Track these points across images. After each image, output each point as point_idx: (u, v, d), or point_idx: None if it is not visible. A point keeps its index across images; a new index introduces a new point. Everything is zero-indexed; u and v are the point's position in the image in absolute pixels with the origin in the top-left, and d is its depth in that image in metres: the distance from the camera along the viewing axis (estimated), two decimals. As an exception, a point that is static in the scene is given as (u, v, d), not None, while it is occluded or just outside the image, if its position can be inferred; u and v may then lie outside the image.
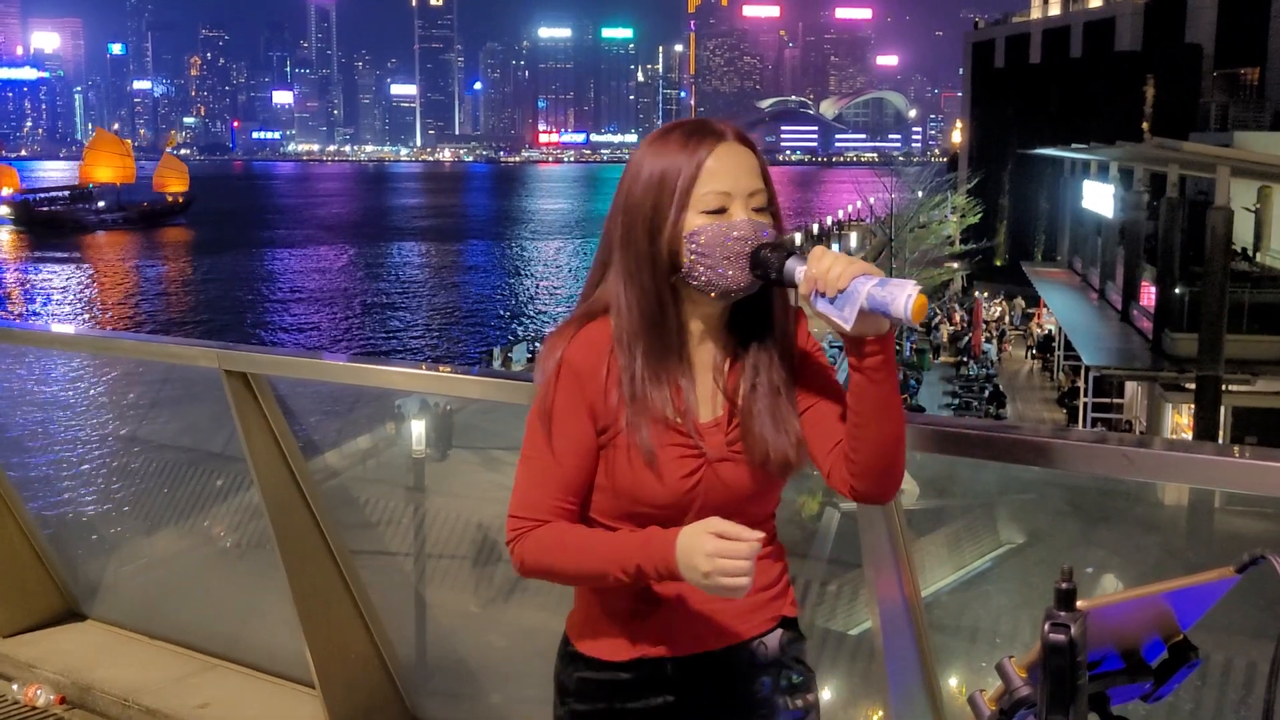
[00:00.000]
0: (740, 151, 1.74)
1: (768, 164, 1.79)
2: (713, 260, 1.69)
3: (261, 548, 4.20)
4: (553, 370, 1.75)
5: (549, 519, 1.73)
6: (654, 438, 1.72)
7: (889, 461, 1.73)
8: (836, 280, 1.59)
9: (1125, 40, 47.97)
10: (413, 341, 46.53)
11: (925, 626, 2.41)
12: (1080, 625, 1.14)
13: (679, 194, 1.70)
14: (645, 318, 1.73)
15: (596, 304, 1.79)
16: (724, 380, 1.79)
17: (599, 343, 1.75)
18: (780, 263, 1.67)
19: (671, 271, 1.73)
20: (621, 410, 1.73)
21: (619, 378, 1.74)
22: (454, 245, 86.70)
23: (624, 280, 1.75)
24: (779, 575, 1.88)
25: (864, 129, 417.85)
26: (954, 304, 44.41)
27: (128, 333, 4.12)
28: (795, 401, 1.80)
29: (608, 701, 1.80)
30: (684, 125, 1.76)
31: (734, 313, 1.80)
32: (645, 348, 1.73)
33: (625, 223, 1.75)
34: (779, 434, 1.75)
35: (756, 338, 1.80)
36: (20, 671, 4.22)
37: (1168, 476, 2.13)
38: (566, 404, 1.74)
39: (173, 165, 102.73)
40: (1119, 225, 29.91)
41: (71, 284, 61.65)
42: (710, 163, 1.71)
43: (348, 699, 3.54)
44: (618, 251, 1.76)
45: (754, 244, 1.69)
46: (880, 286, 1.57)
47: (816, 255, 1.62)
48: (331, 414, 4.09)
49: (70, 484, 5.09)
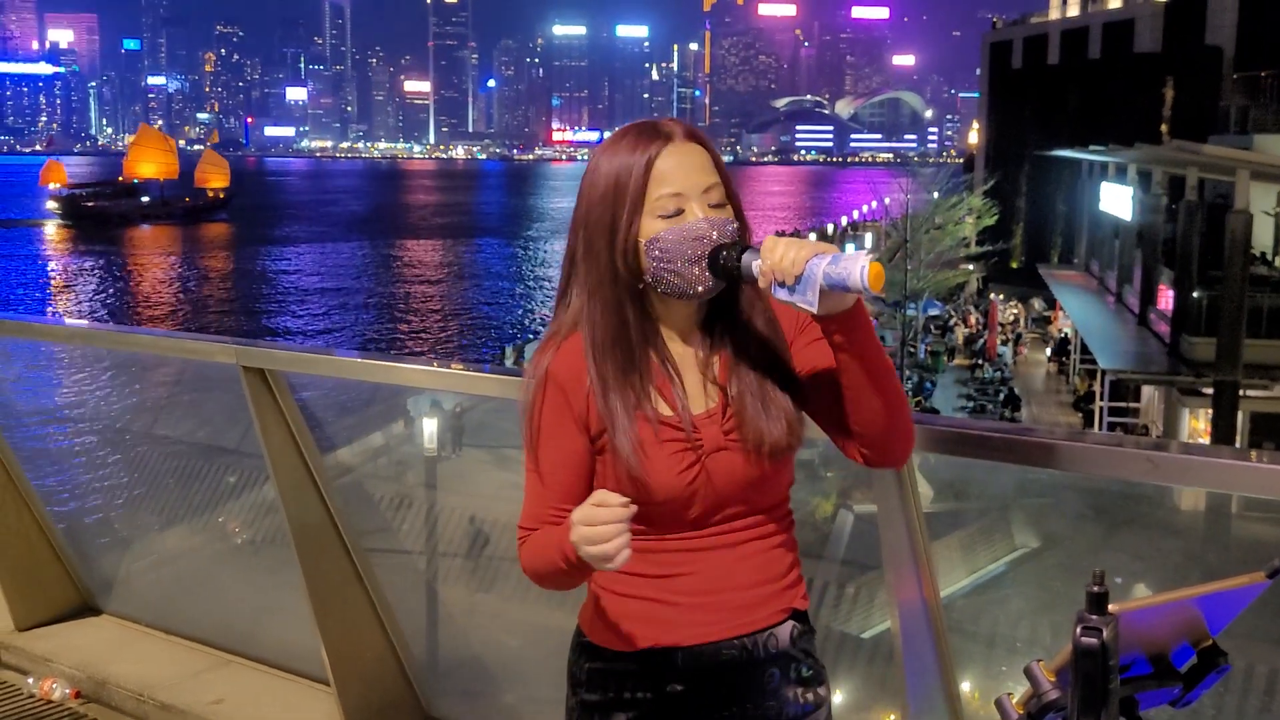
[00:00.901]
0: (689, 149, 1.74)
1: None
2: (675, 265, 1.71)
3: (275, 543, 4.21)
4: (537, 386, 1.79)
5: (543, 527, 1.79)
6: (644, 441, 1.74)
7: (891, 425, 1.75)
8: (792, 266, 1.60)
9: (1145, 41, 47.70)
10: (427, 338, 46.62)
11: (945, 629, 2.40)
12: (1112, 629, 1.13)
13: (631, 200, 1.71)
14: (611, 329, 1.75)
15: (568, 319, 1.80)
16: (713, 372, 1.80)
17: (581, 354, 1.78)
18: (736, 260, 1.68)
19: (635, 280, 1.74)
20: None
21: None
22: (466, 243, 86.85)
23: (589, 293, 1.77)
24: (790, 566, 1.88)
25: (879, 129, 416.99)
26: (969, 306, 44.26)
27: (146, 328, 4.11)
28: (790, 382, 1.81)
29: (617, 691, 1.81)
30: (633, 129, 1.78)
31: (710, 305, 1.81)
32: (614, 360, 1.75)
33: (586, 236, 1.77)
34: (770, 418, 1.77)
35: (737, 326, 1.81)
36: (36, 665, 4.23)
37: (1190, 481, 2.11)
38: (553, 418, 1.78)
39: (214, 161, 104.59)
40: (1137, 228, 29.77)
41: (116, 276, 62.65)
42: (659, 164, 1.72)
43: (362, 696, 3.54)
44: (581, 265, 1.78)
45: (714, 242, 1.70)
46: (834, 263, 1.58)
47: (769, 246, 1.63)
48: (346, 410, 4.09)
49: (86, 478, 5.11)
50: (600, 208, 1.75)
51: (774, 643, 1.83)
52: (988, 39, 59.06)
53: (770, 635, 1.83)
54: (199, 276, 64.27)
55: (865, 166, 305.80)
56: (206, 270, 67.17)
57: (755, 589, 1.82)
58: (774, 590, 1.84)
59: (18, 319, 5.19)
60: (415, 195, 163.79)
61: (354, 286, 61.95)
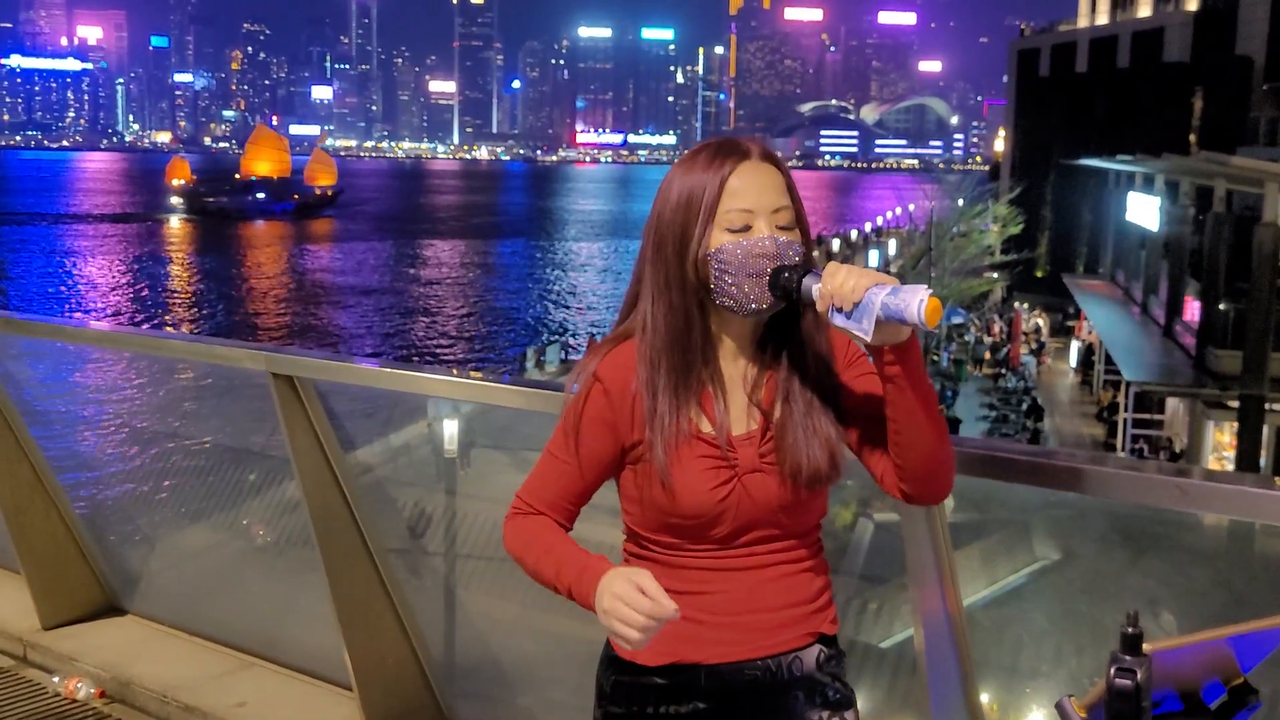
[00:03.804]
0: (765, 169, 1.77)
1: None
2: (736, 278, 1.73)
3: (298, 546, 4.24)
4: (585, 384, 1.82)
5: (544, 512, 1.82)
6: (682, 453, 1.75)
7: (933, 465, 1.75)
8: (851, 293, 1.61)
9: (1174, 51, 47.39)
10: (448, 341, 46.75)
11: (968, 641, 2.40)
12: (1146, 670, 1.13)
13: (704, 212, 1.75)
14: (671, 333, 1.78)
15: (631, 325, 1.84)
16: (759, 395, 1.82)
17: (629, 364, 1.80)
18: (797, 282, 1.70)
19: (700, 290, 1.77)
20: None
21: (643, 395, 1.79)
22: (490, 244, 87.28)
23: (653, 297, 1.80)
24: (819, 591, 1.88)
25: (905, 135, 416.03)
26: (993, 315, 44.07)
27: (176, 333, 4.18)
28: (835, 413, 1.82)
29: (641, 706, 1.83)
30: (711, 145, 1.81)
31: (768, 327, 1.83)
32: (669, 364, 1.77)
33: (656, 242, 1.80)
34: (811, 446, 1.77)
35: (790, 351, 1.82)
36: (61, 664, 4.27)
37: (1219, 509, 2.09)
38: (592, 418, 1.81)
39: (322, 160, 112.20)
40: (1163, 239, 29.62)
41: (237, 269, 66.09)
42: (734, 181, 1.75)
43: (384, 701, 3.56)
44: (649, 269, 1.81)
45: (777, 261, 1.72)
46: (893, 295, 1.59)
47: (830, 271, 1.65)
48: (369, 413, 4.11)
49: (114, 479, 5.15)
50: (672, 216, 1.78)
51: (799, 666, 1.84)
52: (1015, 46, 58.85)
53: (795, 658, 1.84)
54: (307, 269, 67.67)
55: (890, 172, 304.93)
56: (312, 264, 70.58)
57: (781, 611, 1.83)
58: (801, 614, 1.85)
59: (48, 321, 5.24)
60: (440, 196, 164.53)
61: (446, 278, 64.17)
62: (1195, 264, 26.56)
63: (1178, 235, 28.03)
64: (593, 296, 60.71)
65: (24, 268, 63.47)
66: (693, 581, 1.80)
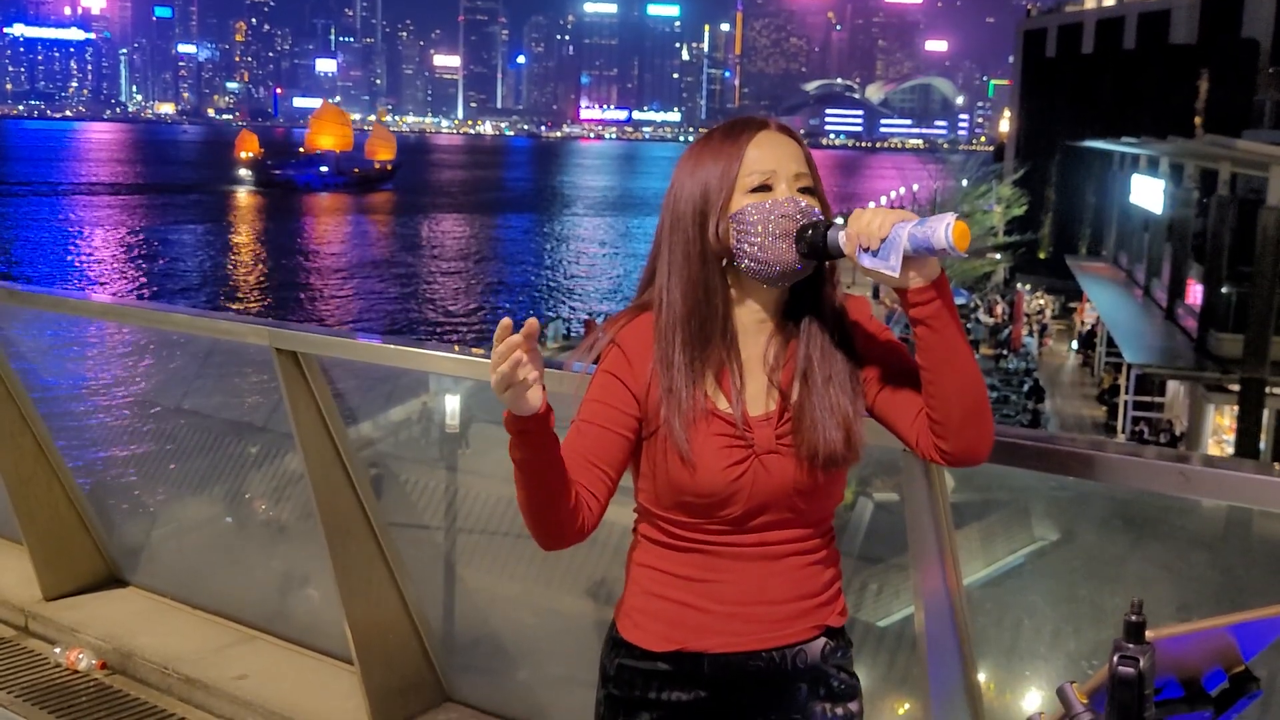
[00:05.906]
0: (783, 139, 1.79)
1: (809, 148, 1.82)
2: (758, 239, 1.71)
3: (299, 521, 4.25)
4: (605, 347, 1.81)
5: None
6: (698, 428, 1.74)
7: (972, 411, 1.71)
8: (879, 230, 1.61)
9: (1180, 33, 47.14)
10: (451, 317, 46.70)
11: (968, 619, 2.41)
12: (1149, 658, 1.13)
13: (724, 178, 1.75)
14: (689, 305, 1.76)
15: (648, 298, 1.82)
16: (778, 376, 1.80)
17: (647, 336, 1.79)
18: (823, 233, 1.69)
19: (722, 258, 1.75)
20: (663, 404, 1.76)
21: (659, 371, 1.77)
22: (492, 219, 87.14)
23: (670, 269, 1.78)
24: (829, 583, 1.87)
25: (910, 114, 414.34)
26: (995, 296, 44.01)
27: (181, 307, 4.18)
28: (856, 392, 1.80)
29: (644, 690, 1.83)
30: (728, 122, 1.82)
31: (788, 306, 1.81)
32: (685, 336, 1.75)
33: (674, 213, 1.79)
34: (828, 427, 1.76)
35: (808, 331, 1.80)
36: (63, 635, 4.29)
37: (1223, 495, 2.10)
38: (609, 377, 1.79)
39: (382, 135, 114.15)
40: (1167, 221, 29.52)
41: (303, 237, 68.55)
42: (753, 149, 1.76)
43: (385, 675, 3.58)
44: (666, 243, 1.80)
45: (799, 221, 1.71)
46: (920, 225, 1.59)
47: (856, 214, 1.65)
48: (372, 387, 4.11)
49: (116, 451, 5.16)
50: (692, 184, 1.78)
51: (803, 658, 1.83)
52: (1022, 26, 58.49)
53: (800, 651, 1.83)
54: (367, 239, 70.77)
55: (894, 152, 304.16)
56: (373, 234, 73.74)
57: (789, 604, 1.82)
58: (808, 607, 1.84)
59: (53, 293, 5.24)
60: (446, 171, 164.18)
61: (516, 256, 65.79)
62: (1198, 247, 26.49)
63: (1182, 218, 27.94)
64: (596, 271, 60.63)
65: (103, 239, 64.38)
66: (702, 569, 1.80)
